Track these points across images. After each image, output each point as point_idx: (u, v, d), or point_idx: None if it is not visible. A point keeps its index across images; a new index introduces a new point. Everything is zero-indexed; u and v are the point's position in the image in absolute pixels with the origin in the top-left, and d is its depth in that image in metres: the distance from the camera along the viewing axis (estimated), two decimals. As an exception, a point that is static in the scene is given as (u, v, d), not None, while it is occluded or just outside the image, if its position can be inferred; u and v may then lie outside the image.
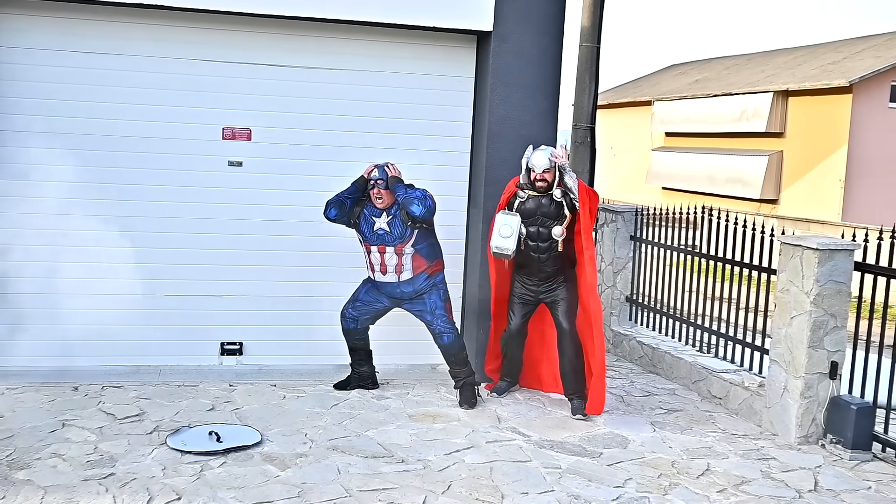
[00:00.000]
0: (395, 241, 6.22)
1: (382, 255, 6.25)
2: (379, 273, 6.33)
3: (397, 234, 6.22)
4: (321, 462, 5.13)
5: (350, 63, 6.98)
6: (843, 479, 5.34)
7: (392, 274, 6.29)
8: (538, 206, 6.26)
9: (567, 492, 4.87)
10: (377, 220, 6.26)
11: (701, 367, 7.09)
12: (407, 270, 6.29)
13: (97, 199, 6.68)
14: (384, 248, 6.23)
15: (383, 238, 6.23)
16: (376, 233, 6.25)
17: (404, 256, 6.25)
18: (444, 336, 6.40)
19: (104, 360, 6.75)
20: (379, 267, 6.31)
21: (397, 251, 6.23)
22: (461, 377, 6.45)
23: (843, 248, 5.85)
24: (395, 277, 6.30)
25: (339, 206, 6.26)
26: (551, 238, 6.23)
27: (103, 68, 6.60)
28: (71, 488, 4.57)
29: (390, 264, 6.26)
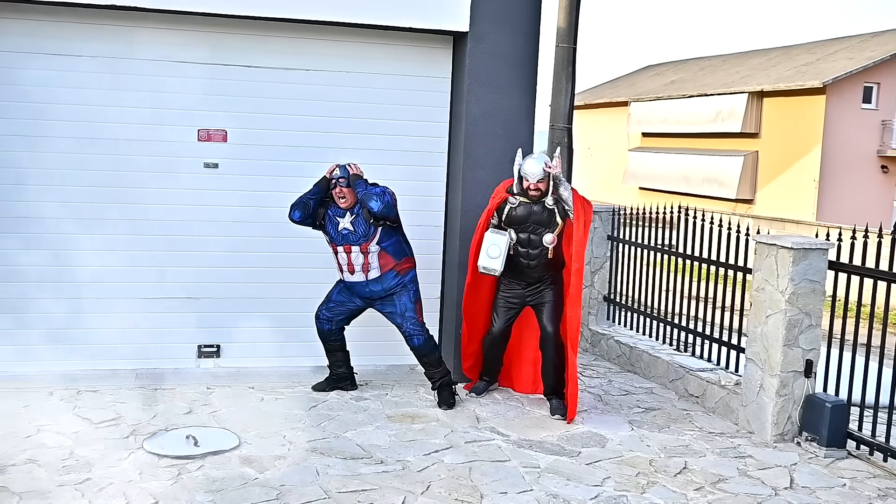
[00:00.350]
0: (360, 240, 6.25)
1: (349, 254, 6.28)
2: (347, 273, 6.36)
3: (361, 233, 6.25)
4: (300, 464, 5.11)
5: (326, 64, 6.96)
6: (818, 477, 5.39)
7: (360, 273, 6.31)
8: (529, 213, 6.22)
9: (546, 491, 4.88)
10: (341, 220, 6.28)
11: (678, 365, 7.13)
12: (374, 269, 6.31)
13: (72, 202, 6.62)
14: (350, 248, 6.26)
15: (348, 238, 6.26)
16: (341, 233, 6.28)
17: (370, 255, 6.27)
18: (414, 338, 6.41)
19: (79, 364, 6.69)
20: (346, 267, 6.33)
21: (362, 250, 6.25)
22: (436, 378, 6.46)
23: (817, 248, 5.91)
24: (363, 276, 6.31)
25: (303, 208, 6.28)
26: (542, 245, 6.22)
27: (77, 71, 6.54)
28: (47, 494, 4.52)
29: (357, 263, 6.28)
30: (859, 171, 27.62)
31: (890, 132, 28.01)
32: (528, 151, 6.57)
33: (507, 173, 6.88)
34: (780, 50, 34.34)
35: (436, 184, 7.23)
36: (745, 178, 29.47)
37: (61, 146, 6.57)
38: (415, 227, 7.13)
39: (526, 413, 6.34)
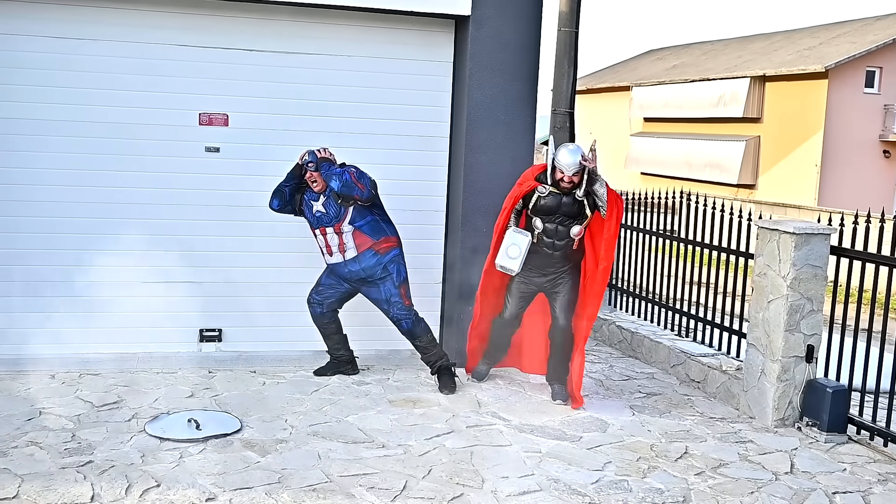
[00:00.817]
0: (332, 221, 6.32)
1: (325, 236, 6.37)
2: (327, 255, 6.44)
3: (332, 214, 6.32)
4: (301, 448, 5.12)
5: (327, 48, 6.93)
6: (818, 462, 5.40)
7: (337, 254, 6.37)
8: (559, 204, 6.07)
9: (547, 475, 4.90)
10: (315, 203, 6.36)
11: (679, 351, 7.14)
12: (350, 249, 6.33)
13: (73, 186, 6.61)
14: (325, 230, 6.35)
15: (321, 219, 6.36)
16: (315, 215, 6.37)
17: (344, 235, 6.32)
18: (402, 322, 6.44)
19: (81, 348, 6.69)
20: (325, 249, 6.41)
21: (336, 230, 6.33)
22: (434, 360, 6.47)
23: (819, 233, 5.90)
24: (341, 257, 6.36)
25: (280, 196, 6.42)
26: (568, 236, 6.11)
27: (78, 54, 6.51)
28: (48, 476, 4.54)
29: (333, 244, 6.36)
30: (861, 156, 27.55)
31: (892, 117, 27.93)
32: (561, 141, 6.58)
33: (508, 157, 6.88)
34: (782, 34, 34.19)
35: (437, 168, 7.21)
36: (747, 163, 29.40)
37: (63, 130, 6.56)
38: (416, 211, 7.14)
39: (527, 398, 6.35)
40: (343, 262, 6.36)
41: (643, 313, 8.18)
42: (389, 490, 4.57)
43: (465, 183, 6.85)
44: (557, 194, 6.08)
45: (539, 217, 6.13)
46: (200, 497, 4.37)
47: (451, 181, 7.21)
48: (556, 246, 6.13)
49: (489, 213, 6.83)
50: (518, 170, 6.91)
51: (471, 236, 6.85)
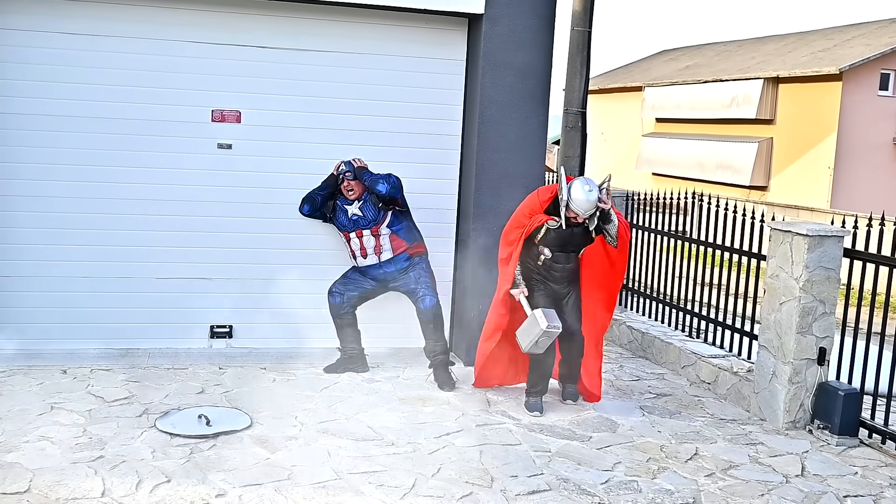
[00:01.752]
0: (370, 224, 6.46)
1: (361, 238, 6.46)
2: (360, 258, 6.50)
3: (371, 217, 6.46)
4: (311, 445, 5.13)
5: (340, 45, 6.94)
6: (829, 465, 5.37)
7: (372, 256, 6.46)
8: (570, 236, 5.91)
9: (556, 475, 4.89)
10: (350, 207, 6.49)
11: (690, 352, 7.12)
12: (387, 251, 6.47)
13: (84, 182, 6.64)
14: (361, 232, 6.46)
15: (358, 222, 6.47)
16: (352, 219, 6.48)
17: (381, 237, 6.46)
18: (425, 298, 6.47)
19: (93, 343, 6.72)
20: (359, 251, 6.49)
21: (373, 233, 6.45)
22: (437, 352, 6.48)
23: (832, 235, 5.87)
24: (376, 258, 6.47)
25: (311, 202, 6.59)
26: (576, 260, 6.09)
27: (91, 50, 6.54)
28: (60, 471, 4.56)
29: (369, 246, 6.45)
30: (875, 158, 27.37)
31: (907, 120, 27.74)
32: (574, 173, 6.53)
33: (520, 156, 6.86)
34: (796, 35, 34.02)
35: (449, 167, 7.21)
36: (760, 164, 29.26)
37: (75, 126, 6.58)
38: (428, 209, 7.13)
39: (537, 397, 6.33)
40: (378, 264, 6.50)
41: (654, 314, 8.16)
42: (398, 488, 4.57)
43: (477, 182, 6.84)
44: (570, 228, 5.88)
45: (547, 247, 5.95)
46: (210, 493, 4.38)
47: (462, 180, 7.21)
48: (566, 269, 6.04)
49: (501, 213, 6.81)
50: (531, 169, 6.91)
51: (483, 235, 6.84)
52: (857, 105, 27.02)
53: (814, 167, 27.60)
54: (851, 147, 27.07)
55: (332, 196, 6.59)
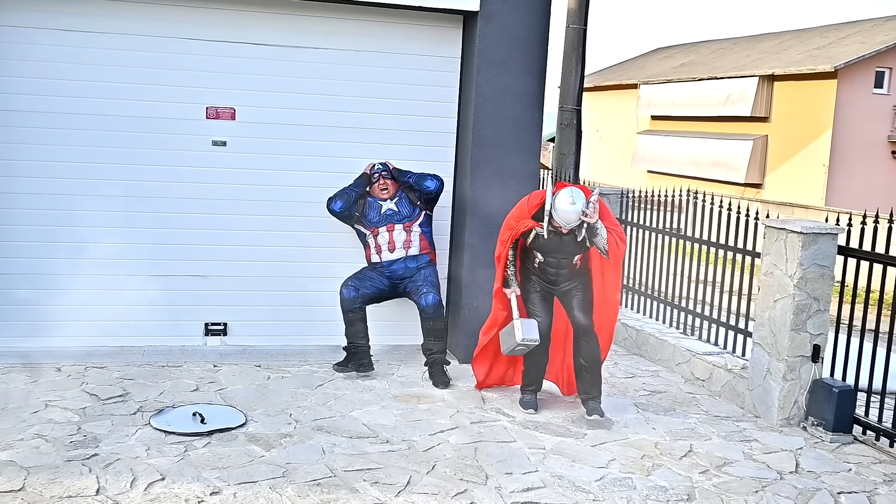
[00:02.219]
0: (404, 220, 6.56)
1: (391, 232, 6.53)
2: (387, 252, 6.53)
3: (405, 214, 6.59)
4: (305, 442, 5.12)
5: (335, 42, 6.93)
6: (823, 461, 5.38)
7: (401, 250, 6.53)
8: (560, 244, 5.77)
9: (551, 472, 4.89)
10: (384, 203, 6.57)
11: (685, 349, 7.13)
12: (415, 246, 6.57)
13: (80, 179, 6.62)
14: (393, 227, 6.54)
15: (392, 217, 6.55)
16: (385, 214, 6.56)
17: (413, 233, 6.57)
18: (428, 295, 6.47)
19: (87, 341, 6.71)
20: (387, 245, 6.53)
21: (406, 228, 6.55)
22: (434, 351, 6.47)
23: (827, 232, 5.88)
24: (404, 252, 6.54)
25: (345, 198, 6.56)
26: (570, 265, 5.85)
27: (86, 47, 6.53)
28: (54, 469, 4.55)
29: (399, 240, 6.52)
30: (869, 156, 27.44)
31: (901, 118, 27.81)
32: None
33: (515, 154, 6.86)
34: (791, 33, 34.07)
35: (444, 164, 7.21)
36: (755, 162, 29.30)
37: (69, 123, 6.57)
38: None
39: (532, 394, 6.33)
40: (404, 258, 6.54)
41: (649, 311, 8.17)
42: (393, 485, 4.57)
43: (472, 179, 6.84)
44: (555, 235, 5.76)
45: (537, 251, 5.86)
46: (205, 491, 4.38)
47: (457, 177, 7.20)
48: (560, 273, 5.87)
49: (495, 210, 6.82)
50: (525, 166, 6.91)
51: (477, 233, 6.85)
52: (851, 103, 27.08)
53: (809, 165, 27.65)
54: (846, 145, 27.13)
55: (362, 196, 6.63)
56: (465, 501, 4.42)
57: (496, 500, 4.48)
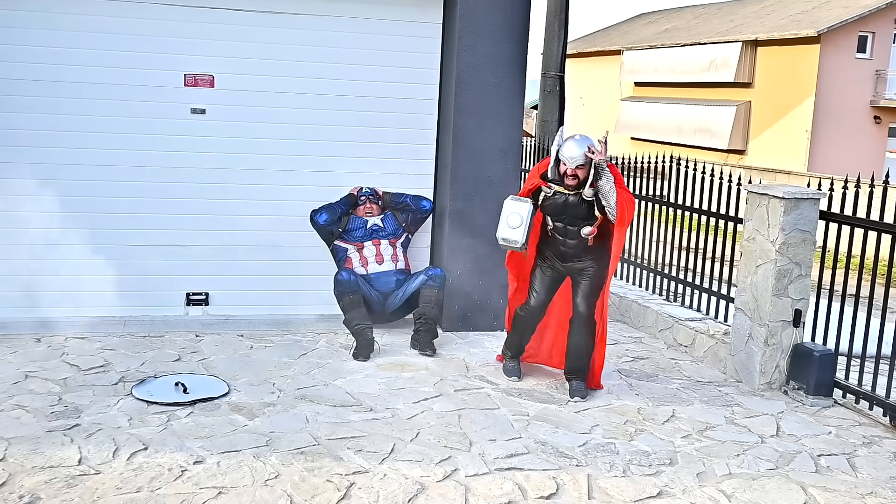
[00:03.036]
0: (389, 236, 6.76)
1: (377, 246, 6.66)
2: (374, 263, 6.62)
3: (391, 231, 6.77)
4: (289, 411, 5.12)
5: (314, 8, 6.83)
6: (804, 425, 5.43)
7: (390, 262, 6.67)
8: (565, 205, 5.52)
9: (534, 438, 4.91)
10: (370, 219, 6.77)
11: (667, 315, 7.15)
12: (401, 260, 6.72)
13: (54, 148, 6.53)
14: (379, 241, 6.67)
15: (378, 233, 6.71)
16: (371, 229, 6.70)
17: (398, 248, 6.72)
18: (435, 269, 6.63)
19: (67, 312, 6.65)
20: (375, 258, 6.63)
21: (391, 243, 6.70)
22: (428, 317, 6.41)
23: (808, 198, 5.89)
24: (393, 265, 6.67)
25: (330, 213, 6.71)
26: (579, 236, 5.57)
27: (61, 12, 6.40)
28: (35, 439, 4.52)
29: (387, 254, 6.67)
30: (852, 121, 27.53)
31: (884, 82, 27.87)
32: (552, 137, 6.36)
33: (498, 121, 6.82)
34: (774, -2, 33.98)
35: (426, 131, 7.15)
36: (738, 128, 29.35)
37: (44, 90, 6.46)
38: (405, 174, 7.10)
39: (515, 361, 6.35)
40: (394, 270, 6.64)
41: (632, 278, 8.18)
42: (377, 453, 4.58)
43: (454, 146, 6.80)
44: (563, 194, 5.53)
45: (548, 216, 5.67)
46: (188, 460, 4.37)
47: (439, 144, 7.16)
48: (568, 244, 5.63)
49: (478, 177, 6.81)
50: (508, 134, 6.89)
51: (460, 199, 6.82)
52: (834, 68, 27.10)
53: (791, 130, 27.71)
54: (829, 110, 27.19)
55: (346, 213, 6.77)
56: (449, 468, 4.44)
57: (480, 466, 4.49)
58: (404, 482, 4.25)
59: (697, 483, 4.46)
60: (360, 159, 7.02)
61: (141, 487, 4.05)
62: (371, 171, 7.04)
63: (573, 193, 5.51)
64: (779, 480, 4.55)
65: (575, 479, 4.42)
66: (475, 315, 6.96)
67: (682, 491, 4.36)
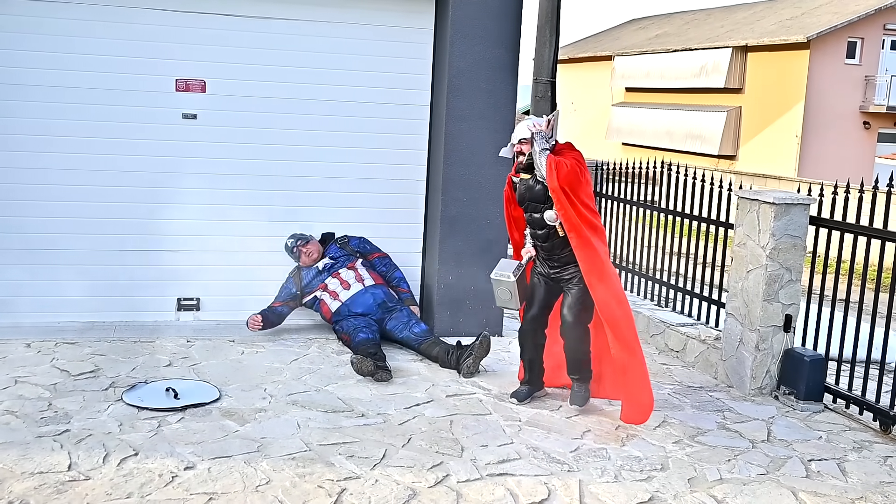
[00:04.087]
0: (344, 263, 6.68)
1: (338, 276, 6.59)
2: (344, 291, 6.55)
3: (342, 259, 6.71)
4: (280, 417, 5.11)
5: (307, 13, 6.83)
6: (795, 430, 5.45)
7: (357, 284, 6.58)
8: (527, 189, 5.38)
9: (526, 444, 4.91)
10: (317, 263, 6.72)
11: (659, 320, 7.16)
12: (367, 278, 6.62)
13: (48, 152, 6.51)
14: (337, 273, 6.60)
15: (332, 267, 6.66)
16: (325, 268, 6.68)
17: (359, 269, 6.65)
18: (424, 330, 6.47)
19: (57, 317, 6.64)
20: (341, 286, 6.57)
21: (349, 267, 6.63)
22: (457, 353, 6.15)
23: (798, 203, 5.91)
24: (361, 285, 6.57)
25: (283, 292, 6.72)
26: (546, 224, 5.33)
27: (53, 17, 6.39)
28: (25, 445, 4.50)
29: (350, 278, 6.59)
30: (841, 126, 27.66)
31: (873, 88, 28.02)
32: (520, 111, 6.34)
33: (489, 126, 6.83)
34: (764, 4, 34.14)
35: (418, 136, 7.16)
36: (728, 133, 29.45)
37: (36, 95, 6.44)
38: (396, 180, 7.11)
39: (506, 367, 6.35)
40: (364, 290, 6.55)
41: (623, 283, 8.19)
42: (369, 459, 4.57)
43: (446, 151, 6.80)
44: (526, 180, 5.39)
45: (524, 212, 5.51)
46: (179, 466, 4.35)
47: (431, 150, 7.16)
48: (539, 236, 5.41)
49: (470, 182, 6.81)
50: (499, 139, 6.87)
51: (452, 205, 6.82)
52: (824, 74, 27.23)
53: (781, 136, 27.83)
54: (818, 116, 27.31)
55: (295, 275, 6.74)
56: (440, 474, 4.43)
57: (471, 472, 4.49)
58: (396, 488, 4.24)
59: (689, 488, 4.47)
60: (351, 164, 7.02)
61: (131, 493, 4.03)
62: (362, 177, 7.04)
63: (533, 178, 5.34)
64: (770, 485, 4.56)
65: (566, 484, 4.42)
66: (467, 320, 6.95)
67: (674, 496, 4.36)
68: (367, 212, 7.11)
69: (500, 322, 7.10)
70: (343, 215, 7.06)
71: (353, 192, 7.05)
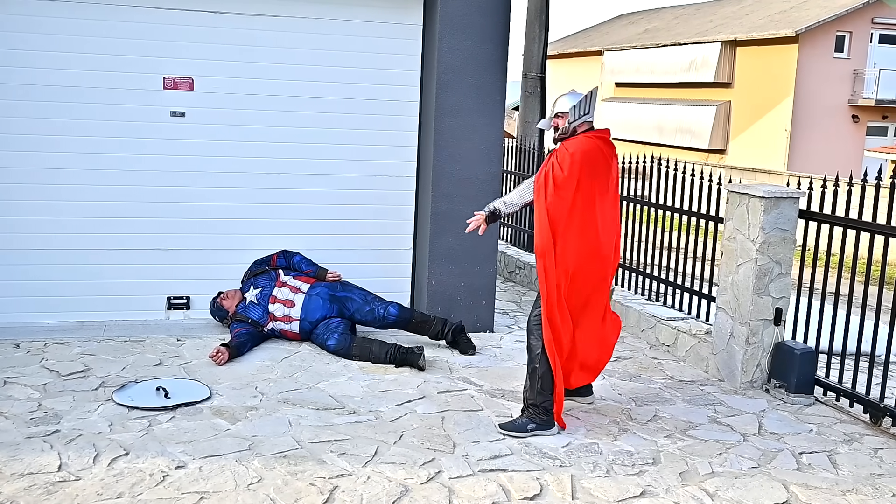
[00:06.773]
0: (272, 285, 6.51)
1: (276, 300, 6.44)
2: (292, 310, 6.42)
3: (266, 284, 6.53)
4: (272, 415, 5.09)
5: (294, 10, 6.81)
6: (786, 423, 5.46)
7: (298, 294, 6.46)
8: None
9: (518, 440, 4.91)
10: (248, 297, 6.52)
11: (649, 315, 7.17)
12: (301, 284, 6.53)
13: (33, 151, 6.48)
14: (273, 297, 6.45)
15: (265, 294, 6.48)
16: (259, 302, 6.46)
17: (287, 282, 6.54)
18: (390, 310, 6.44)
19: (46, 317, 6.61)
20: (285, 307, 6.43)
21: (278, 285, 6.50)
22: (441, 329, 6.43)
23: (788, 196, 5.92)
24: (302, 294, 6.46)
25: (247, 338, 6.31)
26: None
27: (36, 15, 6.35)
28: (14, 446, 4.48)
29: (287, 295, 6.46)
30: (830, 120, 27.74)
31: (861, 81, 28.09)
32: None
33: (478, 123, 6.82)
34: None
35: (407, 133, 7.14)
36: (718, 128, 29.51)
37: (21, 93, 6.40)
38: (386, 176, 7.09)
39: (498, 363, 6.35)
40: (307, 296, 6.44)
41: (613, 278, 8.19)
42: (361, 456, 4.56)
43: (436, 147, 6.79)
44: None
45: None
46: (170, 465, 4.34)
47: (421, 146, 7.15)
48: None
49: (460, 178, 6.80)
50: (489, 134, 6.88)
51: (441, 201, 6.81)
52: (813, 68, 27.29)
53: (771, 130, 27.89)
54: (807, 110, 27.38)
55: (237, 318, 6.47)
56: (432, 470, 4.43)
57: (464, 468, 4.49)
58: (388, 485, 4.24)
59: (680, 482, 4.47)
60: (340, 161, 7.01)
61: (122, 493, 4.01)
62: (352, 173, 7.03)
63: None
64: (761, 478, 4.57)
65: (558, 479, 4.42)
66: (458, 316, 6.94)
67: (666, 490, 4.37)
68: (357, 208, 7.09)
69: (491, 318, 7.10)
70: (332, 212, 7.05)
71: (343, 188, 7.04)
